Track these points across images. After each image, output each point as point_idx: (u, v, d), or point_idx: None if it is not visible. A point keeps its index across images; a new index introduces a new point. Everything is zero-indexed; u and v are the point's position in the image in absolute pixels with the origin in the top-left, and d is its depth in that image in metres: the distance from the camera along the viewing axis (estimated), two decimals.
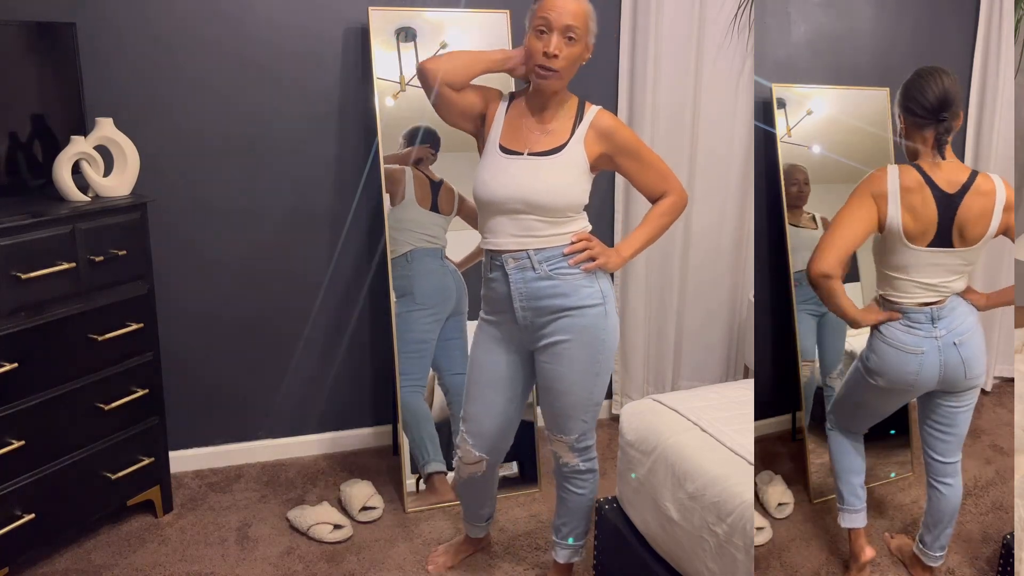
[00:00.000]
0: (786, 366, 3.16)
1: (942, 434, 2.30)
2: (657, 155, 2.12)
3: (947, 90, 2.02)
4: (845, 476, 2.44)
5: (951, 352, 2.13)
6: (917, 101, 2.04)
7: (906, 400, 2.27)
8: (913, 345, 2.12)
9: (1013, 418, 3.51)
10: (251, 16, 2.80)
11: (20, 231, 2.20)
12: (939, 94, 2.02)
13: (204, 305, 2.96)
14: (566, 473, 2.28)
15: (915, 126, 2.08)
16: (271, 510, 2.83)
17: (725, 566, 1.87)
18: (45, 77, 2.49)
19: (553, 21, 1.93)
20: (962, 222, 2.03)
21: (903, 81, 2.11)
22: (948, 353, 2.13)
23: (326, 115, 2.95)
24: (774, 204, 3.08)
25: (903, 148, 2.16)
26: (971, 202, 2.03)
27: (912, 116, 2.07)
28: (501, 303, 2.12)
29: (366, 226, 3.07)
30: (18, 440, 2.26)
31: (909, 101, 2.07)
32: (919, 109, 2.04)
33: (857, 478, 2.44)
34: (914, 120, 2.07)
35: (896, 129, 2.16)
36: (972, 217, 2.03)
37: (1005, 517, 2.82)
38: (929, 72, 2.05)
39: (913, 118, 2.07)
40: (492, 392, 2.21)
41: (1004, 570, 2.30)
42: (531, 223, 2.02)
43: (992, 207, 2.04)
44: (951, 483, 2.34)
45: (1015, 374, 3.79)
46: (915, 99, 2.05)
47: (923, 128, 2.06)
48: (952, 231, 2.05)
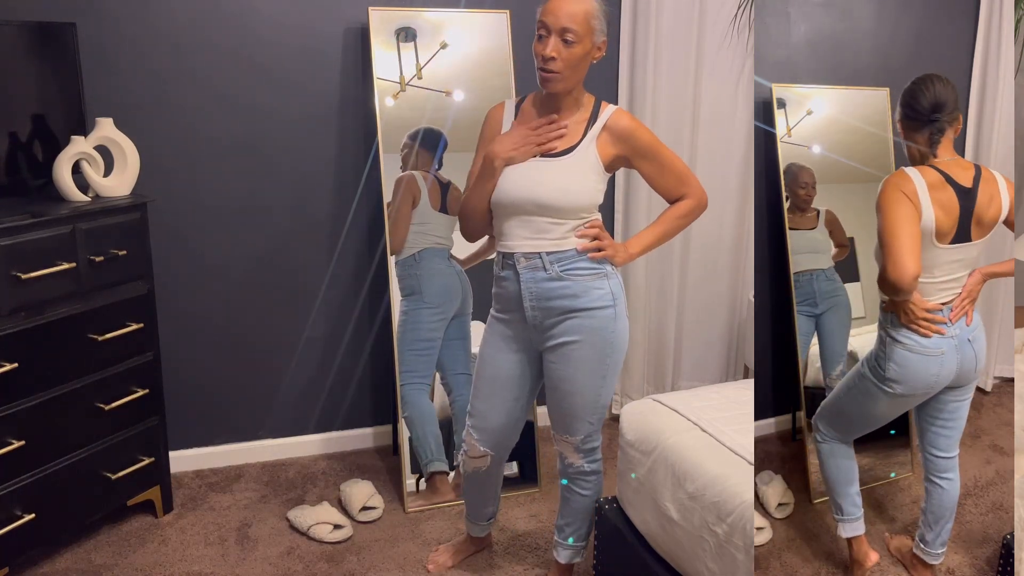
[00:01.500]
0: (786, 366, 3.16)
1: (943, 429, 2.32)
2: (677, 156, 2.11)
3: (938, 93, 2.09)
4: (842, 488, 2.43)
5: (967, 349, 2.16)
6: (911, 105, 2.12)
7: (918, 403, 2.27)
8: (934, 347, 2.12)
9: (1013, 418, 3.51)
10: (251, 16, 2.80)
11: (20, 231, 2.20)
12: (931, 98, 2.09)
13: (204, 305, 2.96)
14: (571, 474, 2.28)
15: (911, 128, 2.14)
16: (271, 510, 2.83)
17: (725, 566, 1.87)
18: (45, 77, 2.49)
19: (551, 24, 1.92)
20: (980, 212, 2.09)
21: (903, 82, 2.17)
22: (964, 350, 2.16)
23: (326, 115, 2.95)
24: (774, 204, 3.08)
25: (906, 154, 2.21)
26: (984, 190, 2.09)
27: (907, 120, 2.14)
28: (512, 302, 2.12)
29: (366, 226, 3.07)
30: (18, 440, 2.26)
31: (905, 107, 2.14)
32: (911, 112, 2.12)
33: (853, 487, 2.44)
34: (909, 123, 2.14)
35: (897, 134, 2.22)
36: (985, 203, 2.09)
37: (1005, 517, 2.82)
38: (923, 78, 2.13)
39: (909, 121, 2.14)
40: (500, 389, 2.21)
41: (1004, 570, 2.30)
42: (543, 225, 2.02)
43: (999, 192, 2.12)
44: (951, 478, 2.36)
45: (1015, 374, 3.79)
46: (909, 104, 2.13)
47: (918, 130, 2.12)
48: (971, 223, 2.09)
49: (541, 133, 2.01)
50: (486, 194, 2.06)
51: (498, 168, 2.02)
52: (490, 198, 2.06)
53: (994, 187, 2.11)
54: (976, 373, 2.21)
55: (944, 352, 2.13)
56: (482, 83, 2.91)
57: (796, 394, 3.06)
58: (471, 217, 2.12)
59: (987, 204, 2.09)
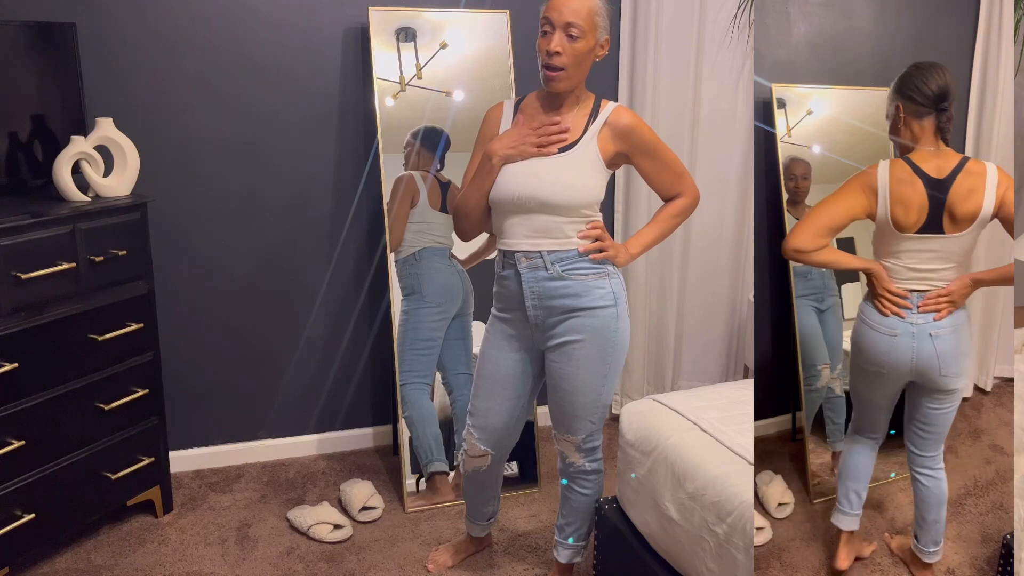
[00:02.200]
0: (786, 366, 3.16)
1: (922, 431, 2.34)
2: (674, 154, 2.12)
3: (948, 82, 2.09)
4: (843, 480, 2.48)
5: (926, 342, 2.16)
6: (920, 90, 2.10)
7: (888, 389, 2.28)
8: (887, 327, 2.17)
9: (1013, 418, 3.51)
10: (251, 16, 2.80)
11: (20, 231, 2.20)
12: (942, 84, 2.08)
13: (204, 305, 2.96)
14: (572, 473, 2.28)
15: (915, 114, 2.12)
16: (271, 510, 2.83)
17: (725, 566, 1.87)
18: (45, 77, 2.48)
19: (555, 20, 1.93)
20: (951, 203, 2.08)
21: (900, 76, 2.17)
22: (922, 342, 2.16)
23: (326, 115, 2.95)
24: (774, 204, 3.08)
25: (895, 140, 2.21)
26: (960, 182, 2.08)
27: (914, 104, 2.11)
28: (513, 300, 2.12)
29: (366, 226, 3.07)
30: (18, 440, 2.26)
31: (911, 90, 2.11)
32: (921, 97, 2.10)
33: (854, 483, 2.45)
34: (916, 108, 2.11)
35: (891, 118, 2.19)
36: (961, 195, 2.07)
37: (1005, 517, 2.82)
38: (930, 65, 2.12)
39: (915, 106, 2.11)
40: (501, 388, 2.21)
41: (1004, 570, 2.30)
42: (544, 223, 2.02)
43: (982, 186, 2.07)
44: (932, 475, 2.37)
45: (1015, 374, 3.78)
46: (918, 88, 2.10)
47: (923, 116, 2.11)
48: (943, 215, 2.09)
49: (541, 134, 2.00)
50: (483, 192, 2.05)
51: (496, 166, 2.02)
52: (487, 197, 2.05)
53: (977, 181, 2.07)
54: (942, 377, 2.18)
55: (897, 334, 2.16)
56: (482, 83, 2.91)
57: (796, 394, 3.06)
58: (466, 215, 2.11)
59: (963, 197, 2.07)
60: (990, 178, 2.08)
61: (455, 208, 2.15)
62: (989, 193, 2.07)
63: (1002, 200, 2.08)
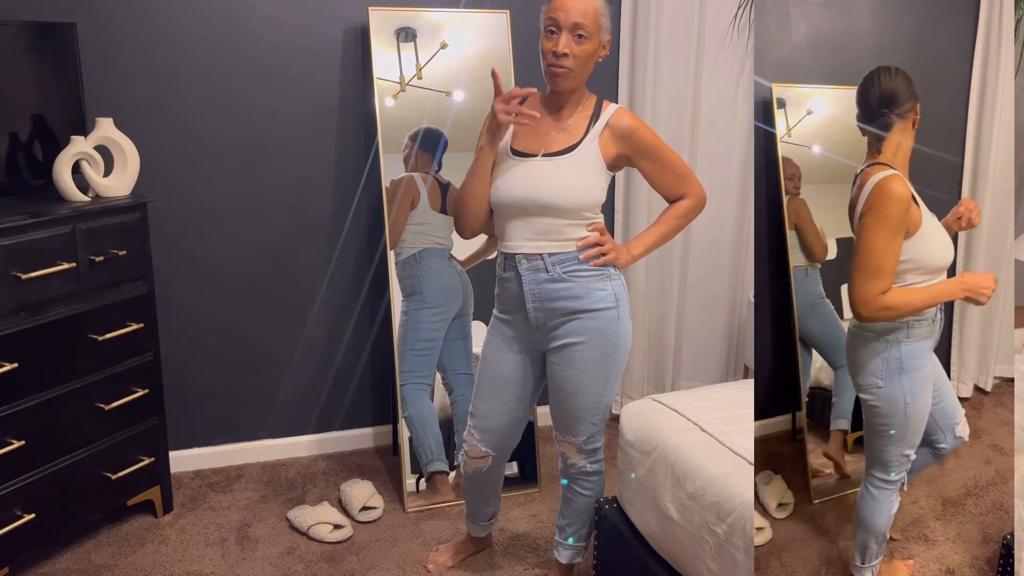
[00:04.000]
0: (786, 366, 3.16)
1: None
2: (677, 155, 2.11)
3: (884, 87, 2.03)
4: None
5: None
6: (860, 102, 2.09)
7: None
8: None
9: (1013, 418, 3.51)
10: (251, 16, 2.80)
11: (20, 231, 2.20)
12: (878, 92, 2.03)
13: (204, 305, 2.96)
14: (573, 474, 2.28)
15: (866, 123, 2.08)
16: (271, 510, 2.83)
17: (725, 566, 1.87)
18: (45, 77, 2.49)
19: (562, 20, 1.92)
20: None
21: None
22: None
23: (326, 115, 2.95)
24: (774, 204, 3.07)
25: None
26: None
27: (862, 114, 2.09)
28: (514, 302, 2.12)
29: (366, 226, 3.07)
30: (18, 440, 2.26)
31: (857, 104, 2.09)
32: (861, 107, 2.08)
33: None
34: (863, 117, 2.09)
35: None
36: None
37: (1005, 517, 2.82)
38: (872, 71, 2.07)
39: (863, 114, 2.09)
40: (502, 390, 2.21)
41: (1004, 570, 2.30)
42: (545, 225, 2.01)
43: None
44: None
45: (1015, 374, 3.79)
46: (858, 100, 2.09)
47: (871, 122, 2.06)
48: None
49: (510, 109, 1.93)
50: (478, 178, 2.03)
51: (484, 147, 1.99)
52: (485, 188, 2.04)
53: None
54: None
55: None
56: (482, 83, 2.91)
57: (796, 394, 3.05)
58: (464, 207, 2.08)
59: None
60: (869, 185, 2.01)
61: (456, 200, 2.14)
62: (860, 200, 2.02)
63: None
